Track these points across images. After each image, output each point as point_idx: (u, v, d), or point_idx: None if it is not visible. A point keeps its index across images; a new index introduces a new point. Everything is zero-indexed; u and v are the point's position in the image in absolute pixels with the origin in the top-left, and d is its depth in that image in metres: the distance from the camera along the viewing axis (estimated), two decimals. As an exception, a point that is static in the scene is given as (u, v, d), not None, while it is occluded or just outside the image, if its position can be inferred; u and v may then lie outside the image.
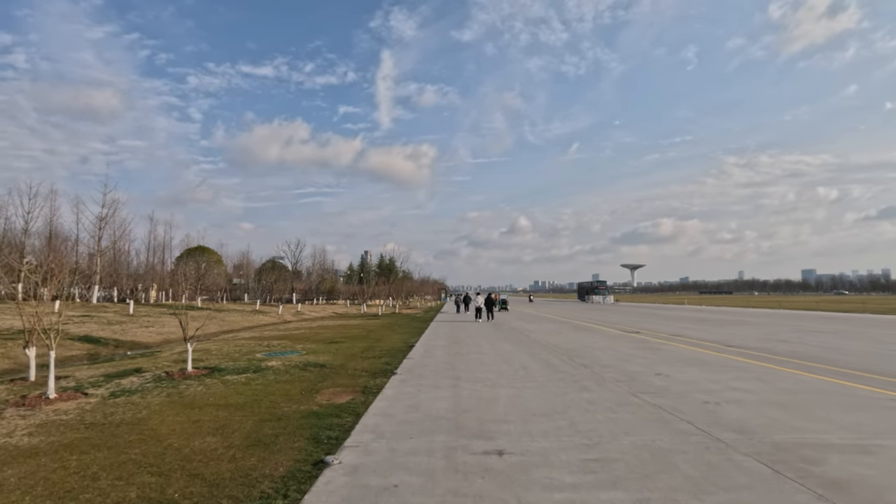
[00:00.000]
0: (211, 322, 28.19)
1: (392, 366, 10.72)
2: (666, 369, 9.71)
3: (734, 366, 10.17)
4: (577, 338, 16.60)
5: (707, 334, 17.63)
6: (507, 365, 10.53)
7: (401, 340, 16.70)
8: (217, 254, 43.81)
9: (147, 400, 7.30)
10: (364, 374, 9.65)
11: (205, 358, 11.97)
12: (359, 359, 11.99)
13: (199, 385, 8.44)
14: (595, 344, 14.57)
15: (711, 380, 8.52)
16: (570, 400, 7.05)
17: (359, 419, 6.13)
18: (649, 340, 15.53)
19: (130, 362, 11.62)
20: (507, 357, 11.82)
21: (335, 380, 9.10)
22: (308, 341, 16.42)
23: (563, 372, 9.52)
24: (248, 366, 10.64)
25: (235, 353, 13.11)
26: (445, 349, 13.61)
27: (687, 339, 15.73)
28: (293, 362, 11.17)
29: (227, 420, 6.15)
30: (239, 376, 9.35)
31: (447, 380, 8.78)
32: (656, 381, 8.40)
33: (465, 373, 9.55)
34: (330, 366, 10.80)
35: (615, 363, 10.60)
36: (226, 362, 11.19)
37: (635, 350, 12.98)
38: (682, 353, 12.20)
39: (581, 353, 12.47)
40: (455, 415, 6.25)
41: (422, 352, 13.13)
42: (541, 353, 12.59)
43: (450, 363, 10.88)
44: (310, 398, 7.49)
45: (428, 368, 10.18)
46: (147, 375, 9.32)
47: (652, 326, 21.69)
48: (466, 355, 12.20)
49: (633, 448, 4.84)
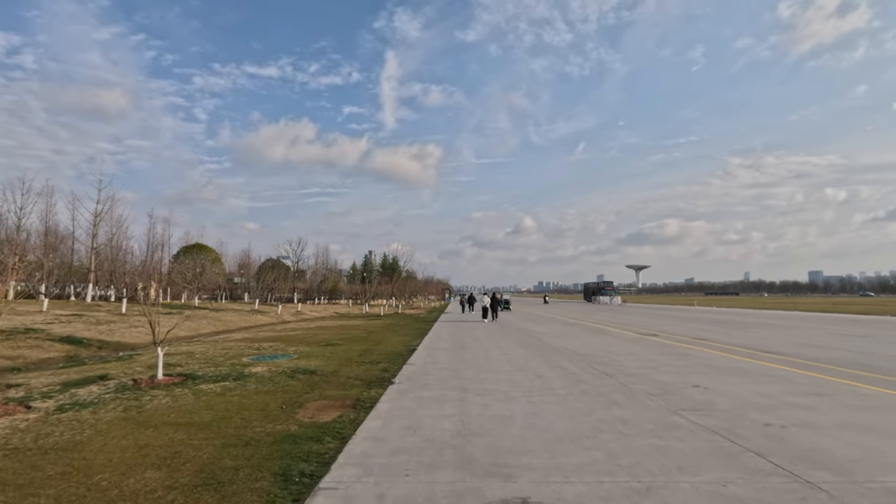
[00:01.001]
0: (205, 322, 27.17)
1: (390, 373, 9.57)
2: (702, 380, 8.49)
3: (779, 376, 8.95)
4: (591, 341, 15.39)
5: (732, 338, 16.37)
6: (520, 373, 9.34)
7: (402, 343, 15.54)
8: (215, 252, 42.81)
9: (97, 416, 6.17)
10: (358, 384, 8.50)
11: (184, 363, 10.86)
12: (354, 364, 10.85)
13: (165, 396, 7.31)
14: (613, 348, 13.36)
15: (760, 393, 7.31)
16: (600, 419, 5.87)
17: (344, 445, 4.97)
18: (671, 345, 14.29)
19: (101, 367, 10.52)
20: (518, 363, 10.64)
21: (324, 390, 7.95)
22: (302, 343, 15.29)
23: (584, 382, 8.33)
24: (230, 372, 9.51)
25: (220, 356, 12.00)
26: (450, 353, 12.45)
27: (712, 344, 14.48)
28: (281, 368, 10.05)
29: (183, 445, 5.01)
30: (215, 385, 8.22)
31: (452, 391, 7.62)
32: (696, 395, 7.20)
33: (473, 382, 8.38)
34: (321, 372, 9.66)
35: (641, 371, 9.40)
36: (206, 368, 10.07)
37: (659, 356, 11.77)
38: (714, 360, 10.97)
39: (600, 358, 11.27)
40: (462, 440, 5.09)
41: (424, 356, 11.97)
42: (555, 358, 11.40)
43: (455, 370, 9.72)
44: (290, 414, 6.34)
45: (430, 377, 9.02)
46: (111, 384, 8.20)
47: (669, 328, 20.43)
48: (473, 361, 11.03)
49: (700, 496, 3.66)
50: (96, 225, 33.77)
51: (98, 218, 33.77)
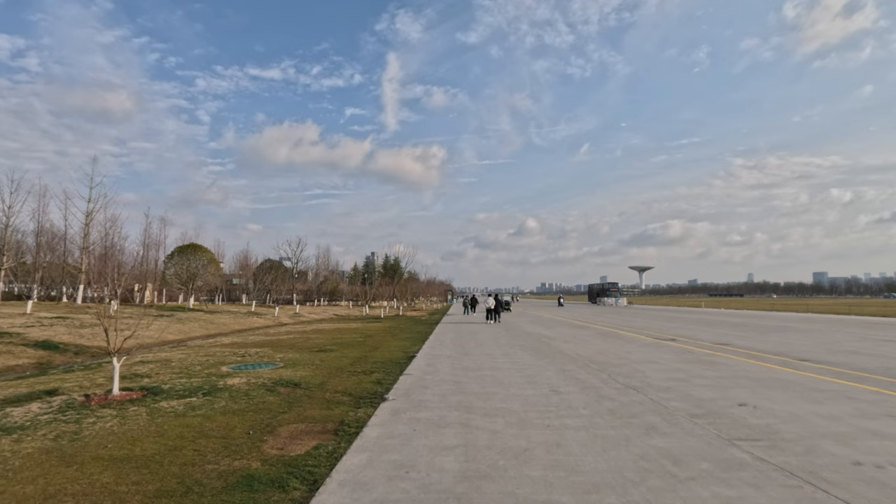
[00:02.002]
0: (196, 325, 26.06)
1: (384, 386, 8.39)
2: (747, 396, 7.28)
3: (833, 390, 7.73)
4: (606, 347, 14.17)
5: (756, 343, 15.13)
6: (533, 386, 8.15)
7: (400, 349, 14.37)
8: (210, 252, 41.67)
9: (17, 447, 5.01)
10: (345, 400, 7.32)
11: (155, 373, 9.71)
12: (345, 374, 9.68)
13: (114, 417, 6.15)
14: (631, 355, 12.15)
15: (824, 416, 6.10)
16: (641, 454, 4.68)
17: (313, 495, 3.80)
18: (694, 351, 13.07)
19: (59, 378, 9.36)
20: (529, 374, 9.44)
21: (304, 408, 6.78)
22: (292, 349, 14.13)
23: (609, 399, 7.13)
24: (202, 385, 8.35)
25: (198, 364, 10.84)
26: (452, 361, 11.26)
27: (738, 350, 13.25)
28: (261, 379, 8.88)
29: (102, 495, 3.84)
30: (179, 402, 7.07)
31: (455, 411, 6.43)
32: (749, 418, 5.99)
33: (479, 398, 7.19)
34: (305, 385, 8.48)
35: (672, 385, 8.19)
36: (176, 379, 8.90)
37: (685, 364, 10.55)
38: (749, 370, 9.76)
39: (620, 368, 10.06)
40: (468, 486, 3.90)
41: (423, 365, 10.79)
42: (570, 368, 10.20)
43: (458, 382, 8.53)
44: (256, 444, 5.17)
45: (430, 391, 7.84)
46: (56, 401, 7.05)
47: (685, 332, 19.19)
48: (478, 371, 9.85)
49: None
50: (87, 224, 32.70)
51: (89, 217, 32.70)
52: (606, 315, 35.95)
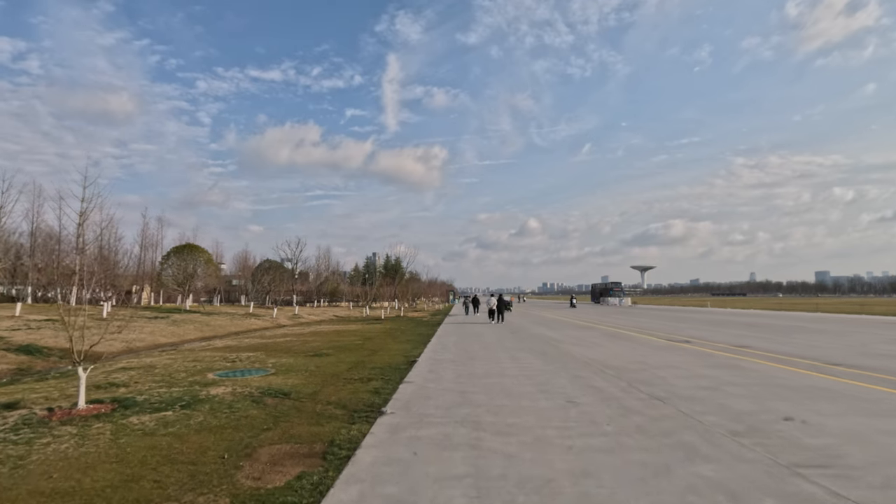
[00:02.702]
0: (191, 327, 25.33)
1: (383, 396, 7.62)
2: (789, 409, 6.48)
3: (884, 400, 6.92)
4: (618, 350, 13.37)
5: (778, 345, 14.31)
6: (546, 397, 7.36)
7: (401, 352, 13.59)
8: (207, 252, 40.94)
9: (-55, 477, 4.24)
10: (338, 414, 6.55)
11: (133, 381, 8.94)
12: (340, 382, 8.90)
13: (73, 437, 5.38)
14: (647, 359, 11.35)
15: (890, 432, 5.30)
16: (687, 485, 3.89)
17: (288, 548, 3.02)
18: (713, 354, 12.26)
19: (26, 388, 8.60)
20: (540, 381, 8.65)
21: (292, 424, 6.00)
22: (287, 353, 13.37)
23: (634, 412, 6.34)
24: (183, 395, 7.59)
25: (184, 371, 10.08)
26: (456, 367, 10.48)
27: (760, 353, 12.44)
28: (248, 388, 8.11)
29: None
30: (152, 416, 6.30)
31: (462, 428, 5.65)
32: (803, 437, 5.19)
33: (488, 412, 6.41)
34: (296, 395, 7.71)
35: (701, 394, 7.40)
36: (155, 389, 8.14)
37: (708, 369, 9.75)
38: (781, 377, 8.95)
39: (638, 374, 9.27)
40: (483, 536, 3.12)
41: (426, 371, 10.01)
42: (584, 374, 9.40)
43: (463, 392, 7.75)
44: (230, 472, 4.39)
45: (432, 402, 7.06)
46: (13, 416, 6.28)
47: (697, 333, 18.37)
48: (485, 378, 9.06)
49: None
50: (81, 224, 31.89)
51: (83, 217, 31.89)
52: (612, 315, 35.13)
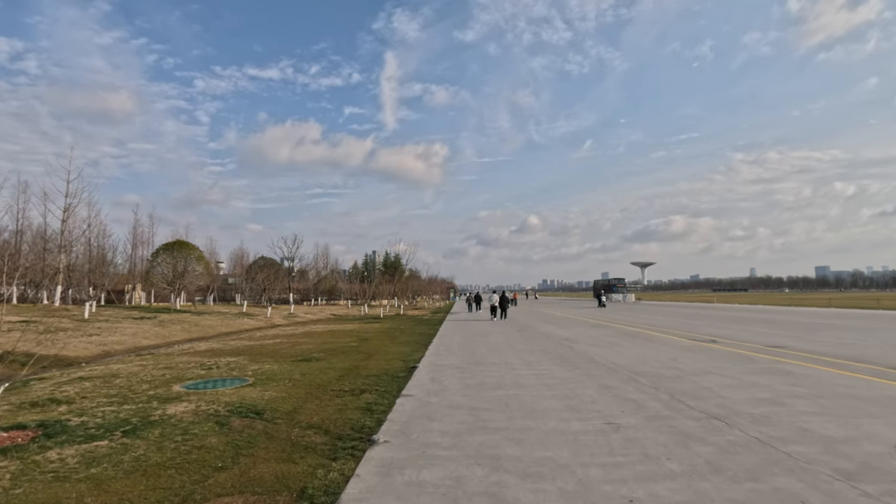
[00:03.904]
0: (179, 328, 23.97)
1: (376, 414, 6.27)
2: (889, 432, 5.13)
3: None
4: (642, 352, 12.02)
5: (811, 344, 12.96)
6: (578, 416, 5.99)
7: (400, 356, 12.24)
8: (199, 249, 39.47)
9: None
10: (318, 443, 5.19)
11: (83, 396, 7.58)
12: (328, 395, 7.55)
13: (-43, 485, 4.02)
14: (679, 364, 10.00)
15: None
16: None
17: None
18: (752, 357, 10.90)
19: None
20: (564, 392, 7.29)
21: (255, 460, 4.64)
22: (273, 358, 12.01)
23: (695, 439, 4.98)
24: (133, 415, 6.23)
25: (147, 382, 8.72)
26: (463, 375, 9.13)
27: (799, 354, 11.09)
28: (216, 405, 6.76)
29: None
30: (80, 448, 4.94)
31: (477, 467, 4.29)
32: (940, 480, 3.84)
33: (509, 440, 5.05)
34: (271, 414, 6.35)
35: (764, 411, 6.04)
36: (103, 407, 6.77)
37: (756, 376, 8.40)
38: (843, 384, 7.60)
39: (678, 383, 7.91)
40: None
41: (427, 380, 8.65)
42: (613, 383, 8.04)
43: (474, 410, 6.39)
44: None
45: (437, 425, 5.70)
46: None
47: (718, 331, 17.02)
48: (498, 390, 7.70)
49: None
50: (65, 221, 30.57)
51: (67, 213, 30.57)
52: (620, 312, 33.78)
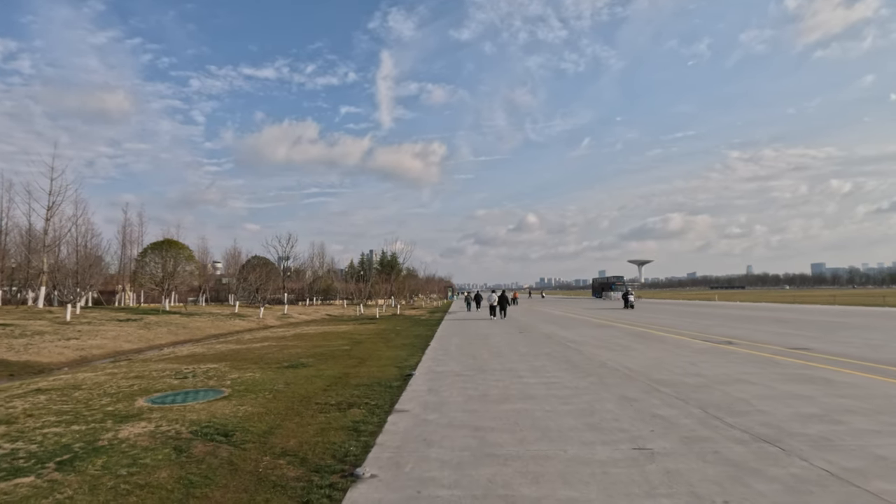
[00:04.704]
0: (165, 330, 22.97)
1: (363, 436, 5.34)
2: None
3: None
4: (656, 355, 11.12)
5: (833, 345, 12.10)
6: (601, 437, 5.07)
7: (394, 361, 11.31)
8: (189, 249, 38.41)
9: None
10: (289, 477, 4.25)
11: (31, 413, 6.60)
12: (310, 411, 6.61)
13: None
14: (702, 370, 9.10)
15: None
16: None
17: None
18: (776, 360, 10.02)
19: None
20: (580, 406, 6.37)
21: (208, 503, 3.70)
22: (257, 364, 11.05)
23: (751, 472, 4.07)
24: (76, 440, 5.28)
25: (109, 395, 7.76)
26: (464, 384, 8.20)
27: (826, 357, 10.21)
28: (180, 424, 5.81)
29: None
30: (-6, 489, 3.98)
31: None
32: None
33: (524, 475, 4.12)
34: (241, 437, 5.41)
35: (821, 431, 5.13)
36: (46, 429, 5.81)
37: (790, 385, 7.51)
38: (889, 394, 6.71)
39: (707, 394, 7.01)
40: None
41: (424, 391, 7.72)
42: (632, 393, 7.13)
43: (479, 430, 5.46)
44: None
45: (435, 451, 4.77)
46: None
47: (732, 332, 16.15)
48: (504, 403, 6.77)
49: None
50: (48, 220, 29.49)
51: (50, 212, 29.48)
52: (622, 311, 32.92)
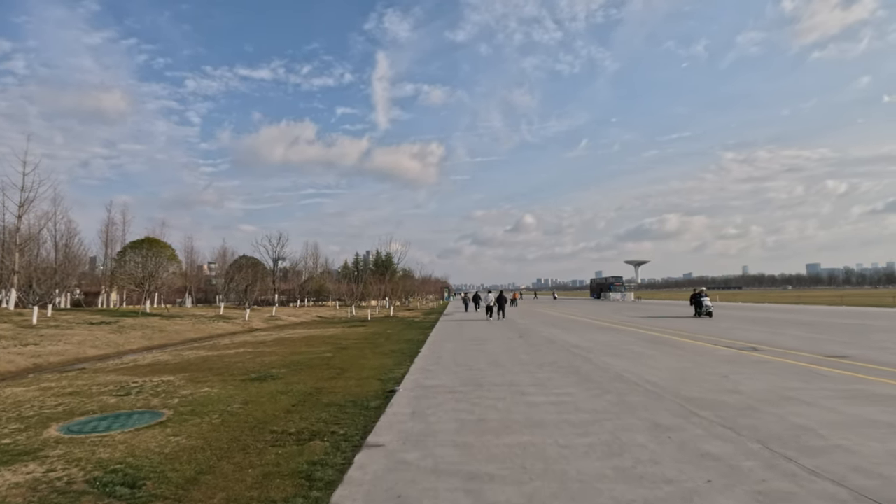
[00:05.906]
0: (139, 334, 21.43)
1: (318, 485, 3.92)
2: None
3: None
4: (677, 365, 9.75)
5: (877, 353, 10.76)
6: (644, 498, 3.67)
7: (378, 372, 9.89)
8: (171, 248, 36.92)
9: None
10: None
11: None
12: (261, 444, 5.18)
13: None
14: (736, 384, 7.72)
15: None
16: None
17: None
18: (819, 371, 8.65)
19: None
20: (602, 439, 4.97)
21: None
22: (220, 377, 9.60)
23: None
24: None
25: (24, 418, 6.31)
26: (457, 405, 6.78)
27: (879, 368, 8.87)
28: (81, 467, 4.39)
29: None
30: None
31: None
32: None
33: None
34: (152, 489, 3.98)
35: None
36: None
37: (857, 406, 6.13)
38: None
39: (755, 418, 5.62)
40: None
41: (407, 415, 6.30)
42: (663, 418, 5.73)
43: (472, 479, 4.04)
44: None
45: (412, 520, 3.35)
46: None
47: (751, 336, 14.80)
48: (506, 434, 5.36)
49: None
50: (20, 217, 27.90)
51: (23, 209, 27.88)
52: (624, 312, 31.59)
